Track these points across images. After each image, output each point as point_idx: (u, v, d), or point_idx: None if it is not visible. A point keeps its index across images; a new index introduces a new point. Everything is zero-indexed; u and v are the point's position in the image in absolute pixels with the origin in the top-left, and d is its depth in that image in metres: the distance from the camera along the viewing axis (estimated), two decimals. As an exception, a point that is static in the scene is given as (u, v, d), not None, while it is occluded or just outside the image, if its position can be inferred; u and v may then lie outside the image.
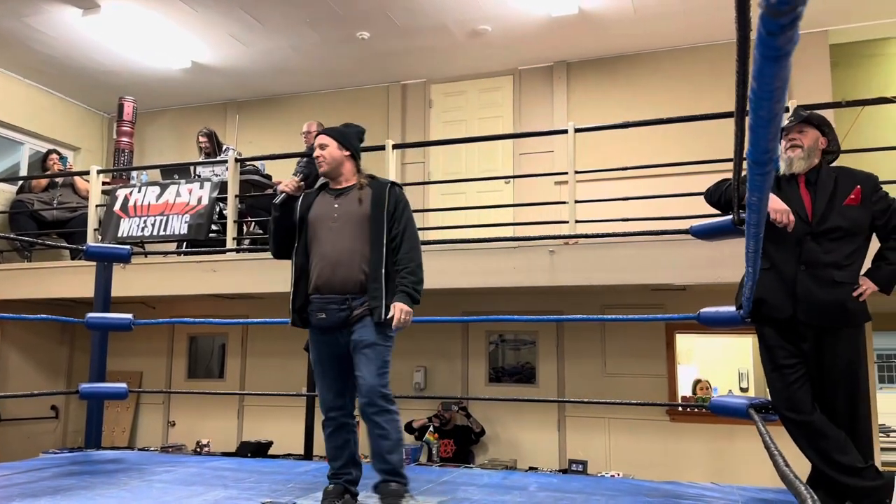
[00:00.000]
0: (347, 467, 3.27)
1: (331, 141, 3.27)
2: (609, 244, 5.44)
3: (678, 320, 4.94)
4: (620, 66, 7.72)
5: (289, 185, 3.24)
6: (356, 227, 3.14)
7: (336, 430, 3.23)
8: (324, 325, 3.14)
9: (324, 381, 3.21)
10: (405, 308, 3.07)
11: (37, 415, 8.16)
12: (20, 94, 8.39)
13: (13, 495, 3.49)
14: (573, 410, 7.12)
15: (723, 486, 3.92)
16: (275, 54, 7.82)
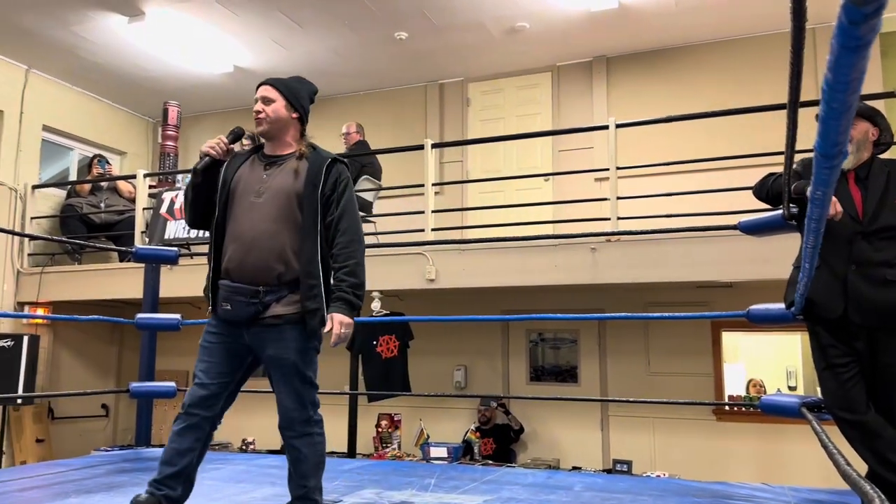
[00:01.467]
0: (175, 479, 2.59)
1: (277, 95, 2.70)
2: (653, 241, 5.37)
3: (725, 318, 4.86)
4: (661, 60, 7.61)
5: (214, 147, 2.69)
6: (283, 205, 2.59)
7: (188, 428, 2.61)
8: (227, 317, 2.62)
9: (204, 375, 2.65)
10: (345, 320, 2.51)
11: (88, 413, 8.37)
12: (68, 101, 8.61)
13: (69, 492, 3.59)
14: (616, 410, 7.05)
15: (774, 487, 3.84)
16: (314, 57, 7.89)
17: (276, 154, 2.71)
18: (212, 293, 2.68)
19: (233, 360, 2.67)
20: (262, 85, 2.75)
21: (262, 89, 2.72)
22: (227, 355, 2.66)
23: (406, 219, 6.74)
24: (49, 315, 7.34)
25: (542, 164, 7.83)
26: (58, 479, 4.04)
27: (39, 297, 7.58)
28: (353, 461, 5.14)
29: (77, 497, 3.43)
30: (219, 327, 2.67)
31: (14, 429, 7.59)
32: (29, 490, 3.82)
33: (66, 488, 3.71)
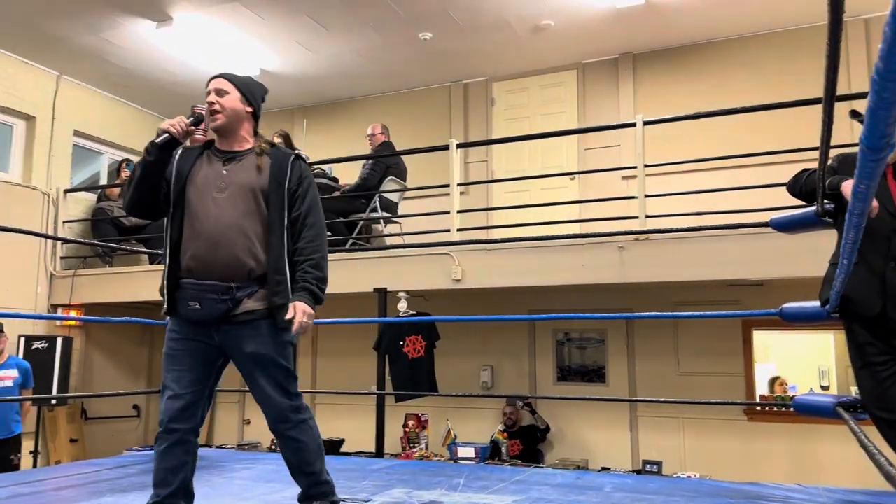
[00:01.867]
0: (177, 497, 2.57)
1: (231, 88, 2.65)
2: (682, 239, 5.31)
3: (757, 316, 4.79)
4: (689, 55, 7.53)
5: (174, 125, 2.58)
6: (249, 200, 2.57)
7: (175, 445, 2.54)
8: (195, 317, 2.53)
9: (177, 386, 2.54)
10: (308, 310, 2.52)
11: (120, 413, 8.50)
12: (98, 106, 8.75)
13: (104, 490, 3.64)
14: (645, 410, 6.99)
15: (808, 488, 3.77)
16: (339, 59, 7.93)
17: (233, 150, 2.67)
18: (168, 294, 2.58)
19: (204, 364, 2.59)
20: (214, 78, 2.69)
21: (215, 82, 2.67)
22: (196, 360, 2.58)
23: (431, 219, 6.75)
24: (81, 317, 7.47)
25: (567, 163, 7.79)
26: (92, 478, 4.10)
27: (72, 300, 7.71)
28: (382, 461, 5.15)
29: (111, 496, 3.48)
30: (184, 331, 2.58)
31: (49, 429, 7.72)
32: (64, 489, 3.89)
33: (101, 487, 3.77)
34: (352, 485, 3.81)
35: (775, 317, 3.62)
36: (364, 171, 7.13)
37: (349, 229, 7.14)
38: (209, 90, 2.66)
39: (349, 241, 6.98)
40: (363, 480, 3.94)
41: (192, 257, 2.53)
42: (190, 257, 2.54)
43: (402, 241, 7.03)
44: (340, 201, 7.21)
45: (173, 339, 2.60)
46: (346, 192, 7.22)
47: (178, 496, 2.57)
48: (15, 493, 3.63)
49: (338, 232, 7.22)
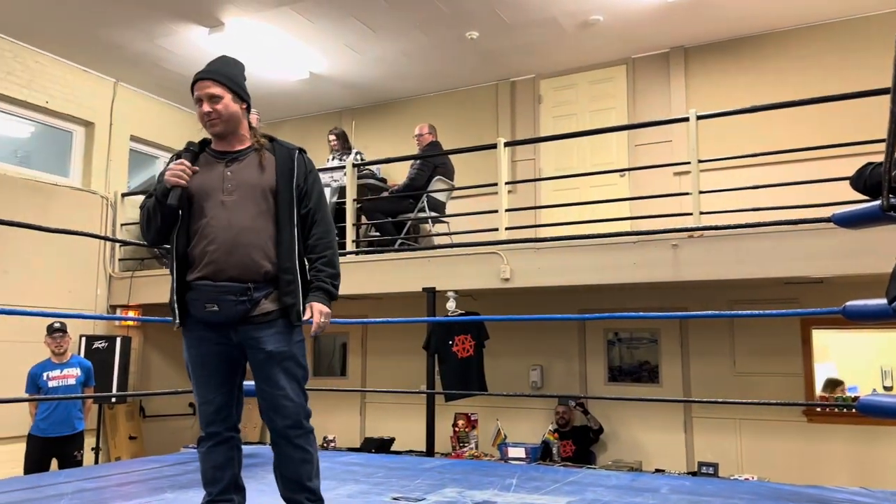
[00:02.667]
0: (228, 492, 2.59)
1: (222, 90, 2.54)
2: (738, 236, 5.18)
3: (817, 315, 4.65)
4: (742, 48, 7.35)
5: (181, 177, 2.49)
6: (258, 200, 2.52)
7: (217, 445, 2.58)
8: (213, 319, 2.48)
9: (206, 389, 2.56)
10: (325, 309, 2.51)
11: (176, 411, 8.69)
12: (153, 112, 8.98)
13: (164, 487, 3.73)
14: (700, 411, 6.85)
15: (874, 492, 3.64)
16: (387, 60, 7.98)
17: (233, 149, 2.60)
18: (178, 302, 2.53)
19: (227, 365, 2.57)
20: (201, 81, 2.56)
21: (204, 86, 2.54)
22: (220, 363, 2.56)
23: (479, 218, 6.73)
24: (139, 317, 7.67)
25: (617, 160, 7.68)
26: (152, 474, 4.21)
27: (130, 301, 7.93)
28: (433, 460, 5.16)
29: (172, 492, 3.56)
30: (202, 336, 2.54)
31: (109, 426, 7.96)
32: (126, 485, 4.00)
33: (161, 483, 3.86)
34: (404, 483, 3.83)
35: (837, 315, 3.51)
36: (412, 171, 7.16)
37: (397, 229, 7.17)
38: (200, 96, 2.55)
39: (398, 241, 7.01)
40: (416, 479, 3.96)
41: (207, 262, 2.47)
42: (206, 263, 2.48)
43: (450, 241, 7.03)
44: (389, 201, 7.25)
45: (193, 347, 2.57)
46: (394, 193, 7.26)
47: (229, 491, 2.59)
48: (80, 489, 3.74)
49: (386, 232, 7.26)
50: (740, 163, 6.25)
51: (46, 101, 7.76)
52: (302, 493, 2.56)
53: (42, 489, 3.73)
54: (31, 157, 7.98)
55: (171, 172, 2.49)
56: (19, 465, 5.97)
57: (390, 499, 3.42)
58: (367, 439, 7.85)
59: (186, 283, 2.51)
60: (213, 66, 2.63)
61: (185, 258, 2.53)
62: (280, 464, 2.57)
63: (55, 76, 7.85)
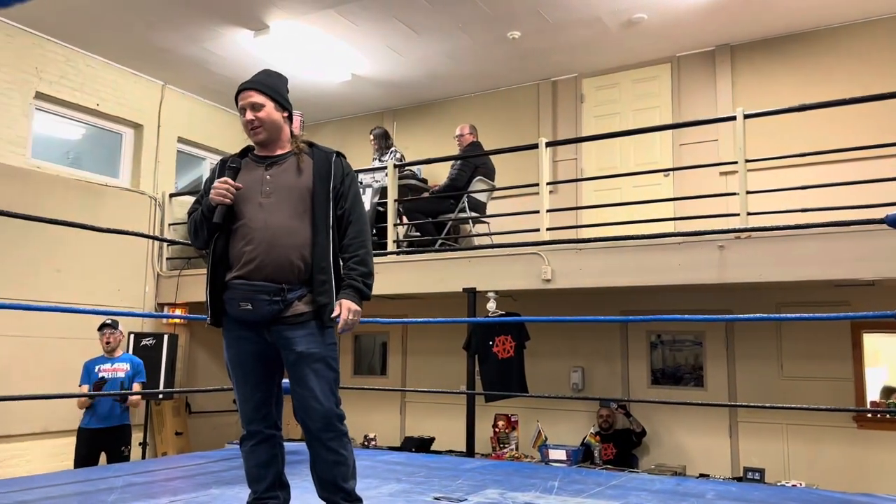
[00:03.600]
0: (273, 490, 2.65)
1: (265, 99, 2.64)
2: (787, 237, 5.06)
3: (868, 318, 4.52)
4: (791, 45, 7.18)
5: (225, 196, 2.56)
6: (295, 202, 2.58)
7: (259, 443, 2.63)
8: (248, 317, 2.54)
9: (245, 388, 2.61)
10: (353, 307, 2.54)
11: (221, 408, 8.84)
12: (200, 114, 9.16)
13: (210, 482, 3.80)
14: (746, 415, 6.71)
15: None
16: (428, 61, 8.00)
17: (274, 154, 2.68)
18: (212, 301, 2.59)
19: (264, 364, 2.61)
20: (245, 91, 2.66)
21: (248, 95, 2.64)
22: (256, 362, 2.60)
23: (520, 218, 6.71)
24: (186, 315, 7.82)
25: (661, 160, 7.58)
26: (199, 470, 4.29)
27: (177, 299, 8.10)
28: (474, 461, 5.15)
29: (218, 488, 3.62)
30: (239, 335, 2.60)
31: (156, 422, 8.14)
32: (173, 480, 4.08)
33: (207, 479, 3.94)
34: (446, 484, 3.83)
35: (891, 319, 3.41)
36: (453, 171, 7.17)
37: (438, 230, 7.19)
38: (244, 105, 2.64)
39: (438, 241, 7.03)
40: (457, 479, 3.96)
41: (245, 262, 2.53)
42: (243, 262, 2.53)
43: (490, 241, 7.02)
44: (429, 202, 7.27)
45: (230, 346, 2.63)
46: (434, 193, 7.28)
47: (274, 489, 2.64)
48: (129, 483, 3.84)
49: (427, 232, 7.28)
50: (788, 162, 6.12)
51: (97, 103, 7.97)
52: (338, 494, 2.59)
53: (93, 482, 3.83)
54: (83, 158, 8.20)
55: (215, 191, 2.57)
56: (70, 458, 6.15)
57: (432, 498, 3.43)
58: (407, 438, 7.88)
59: (224, 282, 2.57)
60: (257, 77, 2.73)
61: (224, 258, 2.58)
62: (315, 464, 2.60)
63: (106, 79, 8.06)
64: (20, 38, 7.24)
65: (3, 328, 6.72)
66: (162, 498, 3.44)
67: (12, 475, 6.29)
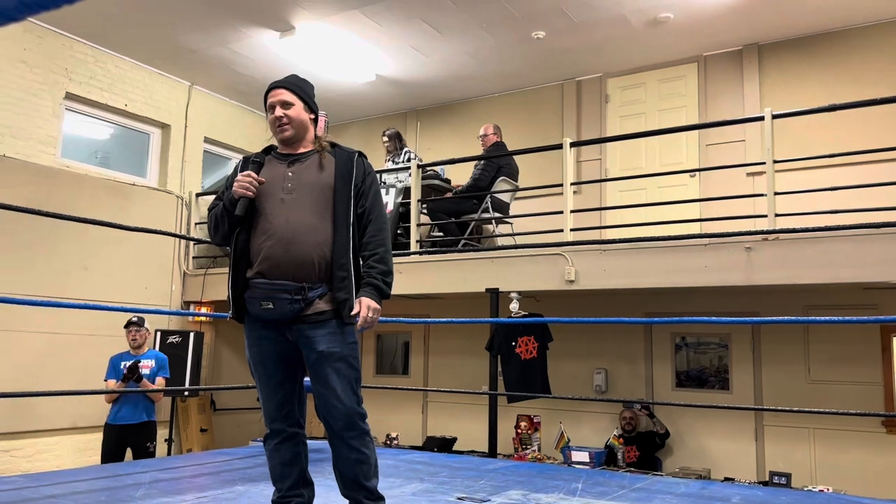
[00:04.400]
0: (297, 488, 2.67)
1: (295, 98, 2.68)
2: (815, 239, 4.99)
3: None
4: (820, 44, 7.08)
5: (249, 189, 2.58)
6: (316, 199, 2.60)
7: (283, 442, 2.64)
8: (269, 316, 2.55)
9: (268, 386, 2.63)
10: (373, 305, 2.54)
11: (245, 405, 8.92)
12: (225, 114, 9.25)
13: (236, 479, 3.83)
14: (773, 419, 6.63)
15: (963, 511, 3.46)
16: (452, 62, 8.01)
17: (296, 153, 2.70)
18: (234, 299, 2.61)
19: (286, 362, 2.62)
20: (276, 88, 2.70)
21: (279, 93, 2.68)
22: (278, 361, 2.61)
23: (544, 219, 6.68)
24: (211, 313, 7.90)
25: (687, 161, 7.51)
26: (224, 466, 4.33)
27: (203, 297, 8.18)
28: (496, 461, 5.15)
29: (243, 485, 3.65)
30: (260, 334, 2.61)
31: (181, 418, 8.23)
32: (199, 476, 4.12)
33: (233, 476, 3.97)
34: (469, 484, 3.83)
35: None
36: (476, 171, 7.17)
37: (461, 230, 7.19)
38: (273, 102, 2.67)
39: (461, 241, 7.03)
40: (480, 480, 3.96)
41: (264, 258, 2.54)
42: (262, 258, 2.54)
43: (513, 242, 7.01)
44: (452, 202, 7.27)
45: (252, 346, 2.64)
46: (458, 193, 7.28)
47: (298, 487, 2.67)
48: (156, 479, 3.88)
49: (450, 232, 7.28)
50: (817, 163, 6.04)
51: (125, 104, 8.08)
52: (360, 492, 2.61)
53: (120, 478, 3.88)
54: (111, 158, 8.32)
55: (238, 184, 2.58)
56: (97, 453, 6.24)
57: (455, 498, 3.43)
58: (429, 438, 7.89)
59: (245, 279, 2.58)
60: (288, 78, 2.78)
61: (245, 254, 2.60)
62: (337, 462, 2.62)
63: (134, 80, 8.17)
64: (51, 39, 7.36)
65: (33, 325, 6.84)
66: (188, 494, 3.47)
67: (42, 469, 6.40)
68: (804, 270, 5.06)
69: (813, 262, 5.02)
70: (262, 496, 3.31)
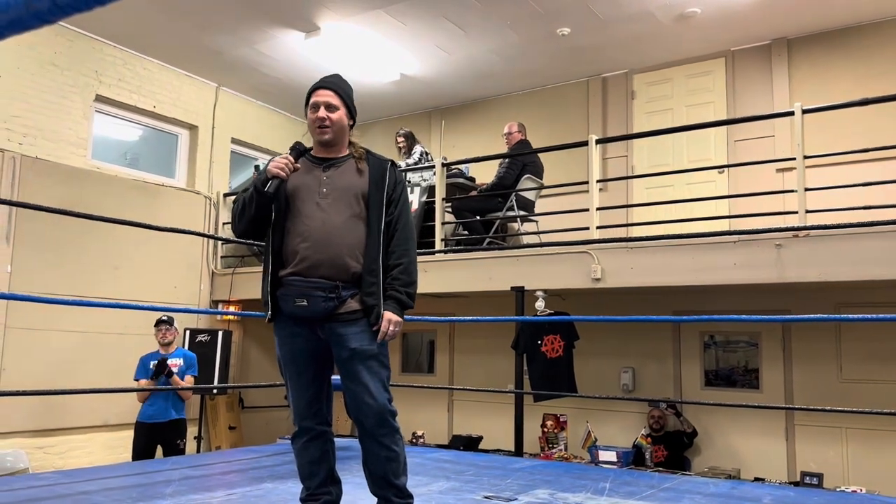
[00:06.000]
0: (325, 486, 2.69)
1: (340, 102, 2.71)
2: (847, 235, 4.90)
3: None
4: (851, 37, 6.95)
5: (283, 169, 2.61)
6: (350, 204, 2.64)
7: (311, 440, 2.67)
8: (302, 313, 2.59)
9: (298, 384, 2.65)
10: (395, 318, 2.59)
11: (273, 403, 8.99)
12: (251, 114, 9.32)
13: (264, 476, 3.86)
14: (804, 419, 6.53)
15: None
16: (476, 60, 7.99)
17: (332, 156, 2.72)
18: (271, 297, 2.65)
19: (316, 360, 2.65)
20: (322, 89, 2.71)
21: (325, 94, 2.69)
22: (309, 358, 2.65)
23: (569, 217, 6.64)
24: (239, 312, 7.98)
25: (715, 157, 7.42)
26: (252, 464, 4.37)
27: (231, 296, 8.26)
28: (522, 460, 5.13)
29: (271, 482, 3.68)
30: (292, 332, 2.64)
31: (210, 416, 8.32)
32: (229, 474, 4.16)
33: (261, 473, 4.01)
34: (495, 483, 3.82)
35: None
36: (501, 170, 7.15)
37: (486, 228, 7.17)
38: (318, 102, 2.68)
39: (486, 240, 7.01)
40: (506, 479, 3.95)
41: (301, 258, 2.58)
42: (299, 259, 2.58)
43: (538, 240, 6.97)
44: (477, 200, 7.26)
45: (283, 343, 2.68)
46: (482, 192, 7.26)
47: (326, 485, 2.69)
48: (186, 476, 3.93)
49: (474, 231, 7.27)
50: (848, 158, 5.92)
51: (154, 105, 8.19)
52: (389, 490, 2.63)
53: (151, 475, 3.93)
54: (140, 159, 8.43)
55: (274, 164, 2.63)
56: (127, 451, 6.33)
57: (482, 497, 3.43)
58: (454, 436, 7.89)
59: (279, 278, 2.63)
60: (333, 79, 2.80)
61: (279, 255, 2.64)
62: (367, 460, 2.64)
63: (162, 82, 8.27)
64: (80, 42, 7.48)
65: (65, 324, 6.96)
66: (218, 491, 3.51)
67: (74, 466, 6.51)
68: (836, 268, 4.97)
69: (845, 259, 4.94)
70: (289, 493, 3.33)
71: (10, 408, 6.52)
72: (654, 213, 6.96)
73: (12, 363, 6.63)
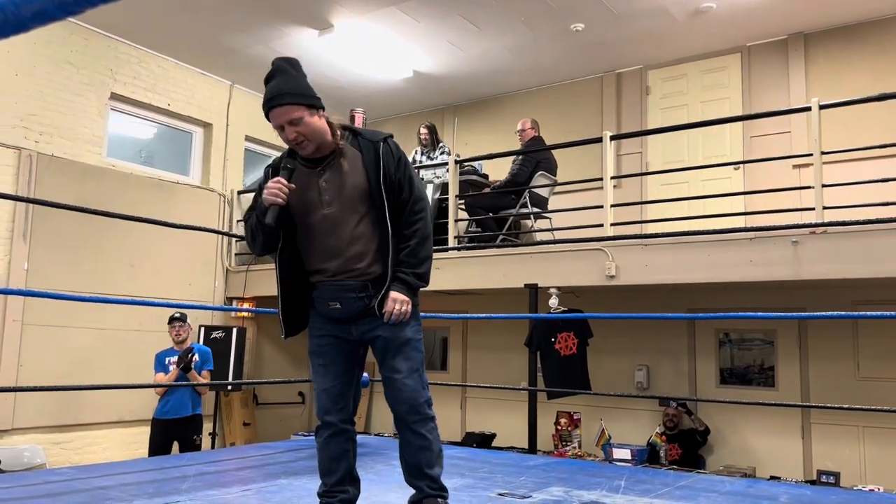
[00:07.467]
0: (343, 484, 2.66)
1: (300, 109, 2.49)
2: (865, 232, 4.85)
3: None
4: (869, 32, 6.88)
5: (278, 195, 2.48)
6: (356, 205, 2.55)
7: (333, 436, 2.63)
8: (338, 315, 2.59)
9: (325, 380, 2.64)
10: (400, 297, 2.53)
11: (287, 400, 9.05)
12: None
13: (279, 472, 3.88)
14: (820, 417, 6.47)
15: None
16: (490, 56, 7.97)
17: (323, 155, 2.59)
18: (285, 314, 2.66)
19: (346, 356, 2.65)
20: (275, 108, 2.50)
21: (280, 113, 2.48)
22: (339, 353, 2.64)
23: (583, 214, 6.61)
24: (253, 308, 8.01)
25: (731, 153, 7.36)
26: (266, 460, 4.39)
27: (245, 293, 8.30)
28: (536, 457, 5.12)
29: (286, 478, 3.69)
30: (325, 328, 2.64)
31: (225, 412, 8.37)
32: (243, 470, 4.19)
33: (276, 469, 4.02)
34: (509, 480, 3.81)
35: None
36: (514, 166, 7.13)
37: (499, 225, 7.15)
38: (280, 124, 2.50)
39: (499, 237, 7.00)
40: (520, 476, 3.94)
41: (326, 266, 2.56)
42: (324, 266, 2.56)
43: (552, 237, 6.95)
44: (490, 198, 7.25)
45: (316, 336, 2.66)
46: (496, 189, 7.25)
47: (344, 483, 2.66)
48: (201, 472, 3.95)
49: (488, 228, 7.26)
50: (866, 154, 5.86)
51: (168, 103, 8.23)
52: (422, 480, 2.61)
53: (167, 471, 3.96)
54: (154, 156, 8.48)
55: (268, 192, 2.51)
56: (143, 446, 6.38)
57: (496, 494, 3.42)
58: (468, 434, 7.89)
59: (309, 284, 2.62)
60: (277, 86, 2.56)
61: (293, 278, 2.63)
62: (402, 449, 2.64)
63: (176, 80, 8.31)
64: (96, 40, 7.53)
65: (81, 321, 7.02)
66: (233, 487, 3.53)
67: (91, 461, 6.57)
68: (853, 265, 4.92)
69: (862, 256, 4.89)
70: (304, 489, 3.34)
71: (28, 404, 6.59)
72: (669, 209, 6.92)
73: (30, 360, 6.70)
